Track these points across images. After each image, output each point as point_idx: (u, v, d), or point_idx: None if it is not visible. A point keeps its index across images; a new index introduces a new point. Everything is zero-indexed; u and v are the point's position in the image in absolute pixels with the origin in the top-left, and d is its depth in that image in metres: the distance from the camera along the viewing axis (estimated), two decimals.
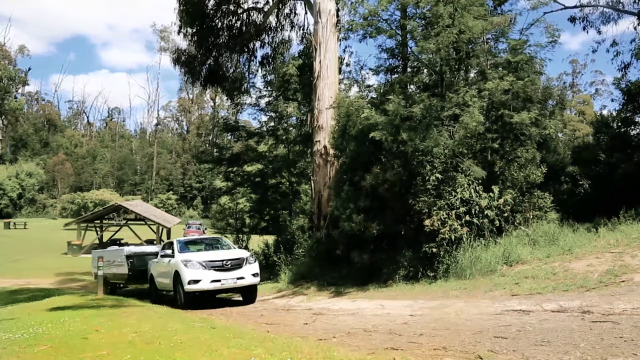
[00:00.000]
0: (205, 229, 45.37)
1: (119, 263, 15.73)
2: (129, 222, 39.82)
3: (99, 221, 38.93)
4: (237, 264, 11.78)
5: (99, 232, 38.29)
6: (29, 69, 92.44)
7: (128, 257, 15.39)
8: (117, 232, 39.35)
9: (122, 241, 37.17)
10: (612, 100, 66.58)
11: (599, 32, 24.20)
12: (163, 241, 38.08)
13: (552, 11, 21.40)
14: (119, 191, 77.52)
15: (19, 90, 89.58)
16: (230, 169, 30.10)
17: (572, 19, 24.05)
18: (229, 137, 48.66)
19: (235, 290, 12.49)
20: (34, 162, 76.62)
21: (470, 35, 13.64)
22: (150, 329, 6.00)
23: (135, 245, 24.41)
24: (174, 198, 76.80)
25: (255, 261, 12.47)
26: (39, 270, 24.75)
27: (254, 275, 11.99)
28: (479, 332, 5.49)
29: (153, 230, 37.07)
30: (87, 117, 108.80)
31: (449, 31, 13.24)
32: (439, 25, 13.58)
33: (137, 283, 15.98)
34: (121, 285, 17.01)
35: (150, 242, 32.39)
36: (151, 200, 73.18)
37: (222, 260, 11.71)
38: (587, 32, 25.16)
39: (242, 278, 11.67)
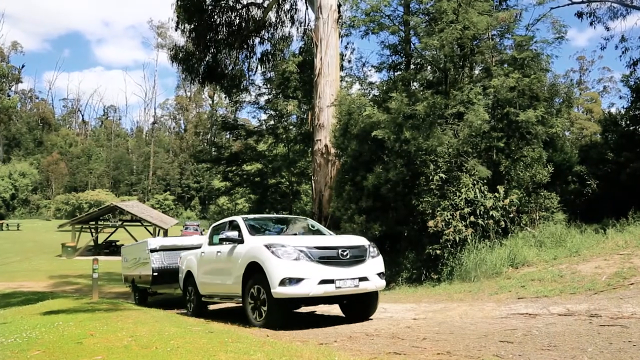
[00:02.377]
0: (203, 230, 45.40)
1: (144, 260, 13.34)
2: (124, 223, 39.84)
3: (94, 222, 38.95)
4: (359, 255, 7.53)
5: (94, 234, 38.31)
6: (23, 66, 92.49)
7: (153, 251, 12.96)
8: (112, 233, 39.38)
9: (117, 243, 37.25)
10: (621, 98, 66.53)
11: (607, 28, 24.23)
12: None
13: (558, 6, 21.40)
14: (115, 191, 77.63)
15: (12, 88, 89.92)
16: (228, 168, 30.15)
17: (579, 15, 24.04)
18: (228, 136, 48.77)
19: (345, 298, 7.83)
20: (28, 162, 76.72)
21: (475, 31, 13.64)
22: (147, 333, 5.99)
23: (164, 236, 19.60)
24: (171, 198, 76.89)
25: (378, 253, 8.08)
26: (32, 272, 24.78)
27: (379, 275, 7.70)
28: (484, 336, 5.48)
29: (149, 232, 37.09)
30: (82, 116, 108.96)
31: (453, 27, 13.25)
32: (442, 21, 13.59)
33: (166, 287, 13.16)
34: (149, 290, 13.78)
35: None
36: (148, 200, 73.23)
37: (337, 248, 7.38)
38: (595, 27, 25.23)
39: (364, 279, 7.37)
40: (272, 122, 30.45)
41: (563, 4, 22.16)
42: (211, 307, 10.86)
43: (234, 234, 8.42)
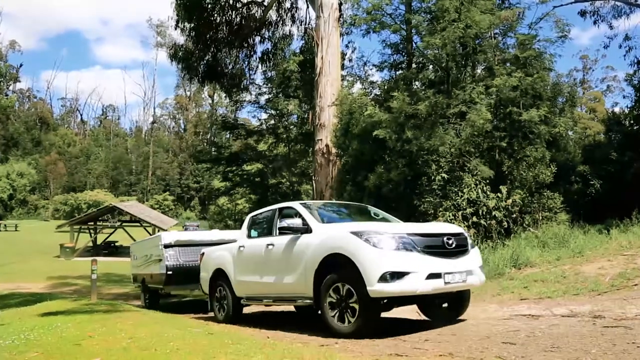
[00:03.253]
0: None
1: (156, 258, 12.20)
2: (124, 224, 39.86)
3: (92, 223, 38.97)
4: (462, 245, 6.54)
5: (92, 235, 38.34)
6: (21, 65, 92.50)
7: (167, 246, 11.70)
8: (111, 234, 39.40)
9: (116, 244, 37.28)
10: (624, 97, 66.40)
11: (611, 27, 24.26)
12: None
13: (561, 5, 21.40)
14: (114, 192, 77.57)
15: (10, 87, 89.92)
16: (228, 168, 30.19)
17: (583, 13, 24.05)
18: (228, 136, 48.72)
19: (447, 295, 6.64)
20: (26, 162, 76.69)
21: (477, 30, 13.66)
22: (146, 334, 6.00)
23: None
24: (171, 199, 76.83)
25: (474, 244, 7.29)
26: (30, 273, 24.78)
27: (481, 268, 6.71)
28: (487, 337, 5.48)
29: (149, 233, 37.08)
30: (81, 115, 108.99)
31: (455, 26, 13.26)
32: (444, 19, 13.61)
33: (181, 288, 12.08)
34: (162, 291, 12.70)
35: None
36: (147, 201, 73.23)
37: (441, 235, 6.34)
38: (598, 26, 25.40)
39: (470, 273, 6.36)
40: (272, 122, 30.50)
41: (566, 3, 22.16)
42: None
43: (296, 222, 7.09)
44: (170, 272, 11.46)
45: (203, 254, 9.95)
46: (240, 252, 8.47)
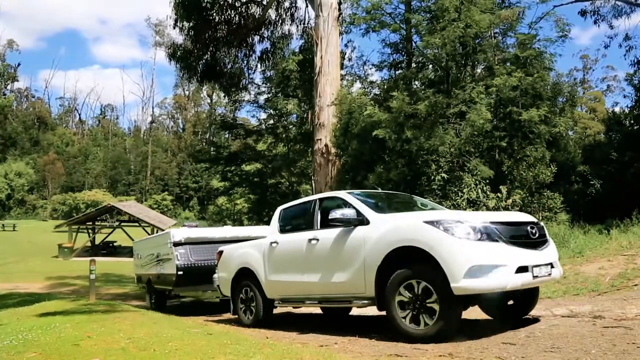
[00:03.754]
0: None
1: (165, 256, 11.46)
2: (122, 223, 39.84)
3: (91, 223, 38.94)
4: (543, 235, 6.00)
5: (91, 235, 38.31)
6: (19, 65, 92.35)
7: (177, 244, 10.98)
8: (110, 234, 39.38)
9: (115, 244, 37.26)
10: (625, 97, 66.63)
11: (611, 27, 24.32)
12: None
13: (561, 4, 21.45)
14: (112, 192, 77.53)
15: (8, 87, 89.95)
16: (227, 168, 30.18)
17: (583, 13, 24.09)
18: (227, 136, 48.73)
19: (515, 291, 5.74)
20: (24, 162, 76.67)
21: (477, 29, 13.67)
22: (145, 335, 6.00)
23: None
24: (169, 199, 76.80)
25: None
26: (28, 273, 24.76)
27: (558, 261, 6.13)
28: (486, 337, 5.49)
29: (147, 232, 37.07)
30: (79, 115, 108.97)
31: (455, 25, 13.27)
32: (444, 19, 13.62)
33: (191, 290, 11.40)
34: (170, 293, 11.97)
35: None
36: (145, 201, 73.20)
37: (524, 224, 5.84)
38: (599, 26, 25.45)
39: (552, 265, 5.83)
40: (271, 122, 30.49)
41: (566, 2, 22.19)
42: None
43: (348, 213, 6.33)
44: (181, 272, 10.65)
45: (221, 252, 9.19)
46: (272, 249, 7.73)
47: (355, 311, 8.97)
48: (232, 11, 24.09)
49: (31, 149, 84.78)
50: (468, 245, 5.23)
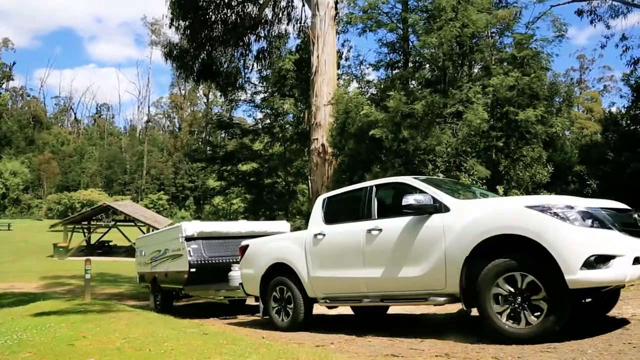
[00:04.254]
0: None
1: (175, 252, 10.74)
2: (118, 223, 39.77)
3: (86, 222, 38.88)
4: None
5: (86, 234, 38.24)
6: (14, 63, 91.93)
7: (190, 239, 10.23)
8: (105, 233, 39.30)
9: (110, 243, 37.20)
10: (621, 97, 66.74)
11: (608, 27, 24.36)
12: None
13: (558, 4, 21.45)
14: (108, 191, 77.38)
15: (3, 86, 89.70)
16: (224, 167, 30.19)
17: (580, 13, 24.12)
18: (223, 135, 48.74)
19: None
20: (19, 161, 76.46)
21: (474, 29, 13.69)
22: (140, 335, 5.99)
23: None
24: (165, 198, 76.69)
25: None
26: (23, 273, 24.68)
27: None
28: (483, 338, 5.50)
29: (143, 232, 37.02)
30: (75, 114, 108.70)
31: (452, 25, 13.29)
32: (441, 18, 13.64)
33: (203, 289, 10.63)
34: (180, 293, 11.40)
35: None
36: (141, 200, 73.07)
37: (631, 212, 5.37)
38: (595, 26, 25.35)
39: None
40: (268, 121, 30.49)
41: (563, 2, 22.19)
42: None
43: (423, 199, 5.68)
44: (193, 270, 9.85)
45: (246, 247, 8.35)
46: (317, 242, 6.97)
47: (340, 310, 8.97)
48: (228, 10, 24.06)
49: (26, 148, 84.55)
50: (584, 233, 4.72)
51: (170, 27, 23.98)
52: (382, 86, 17.98)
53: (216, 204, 55.44)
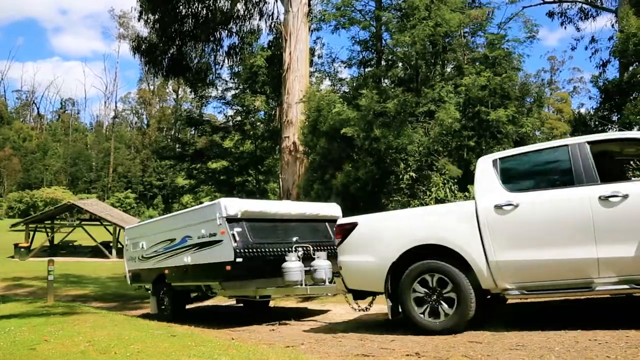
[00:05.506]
0: None
1: (208, 238, 8.59)
2: (83, 222, 38.98)
3: (49, 222, 37.97)
4: None
5: (49, 234, 37.38)
6: None
7: (232, 220, 8.22)
8: (69, 233, 38.50)
9: (75, 243, 36.47)
10: (590, 99, 68.48)
11: (578, 29, 25.11)
12: (122, 244, 37.42)
13: (530, 5, 21.98)
14: (72, 189, 75.82)
15: None
16: (193, 165, 29.94)
17: (551, 14, 24.74)
18: (192, 132, 48.25)
19: None
20: None
21: (447, 28, 13.86)
22: (105, 337, 5.90)
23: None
24: (133, 197, 75.52)
25: None
26: None
27: None
28: (453, 336, 5.58)
29: (109, 232, 36.41)
30: (38, 109, 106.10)
31: (425, 24, 13.42)
32: (414, 17, 13.75)
33: (246, 285, 8.75)
34: (209, 292, 9.61)
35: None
36: (107, 199, 71.83)
37: None
38: (565, 28, 26.14)
39: None
40: (239, 118, 30.34)
41: (535, 3, 22.77)
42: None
43: None
44: (240, 260, 7.91)
45: (352, 225, 6.64)
46: (504, 215, 5.60)
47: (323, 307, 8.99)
48: (199, 4, 23.86)
49: None
50: None
51: (139, 20, 23.71)
52: (354, 84, 18.05)
53: (185, 202, 54.88)
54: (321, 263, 8.01)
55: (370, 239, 6.44)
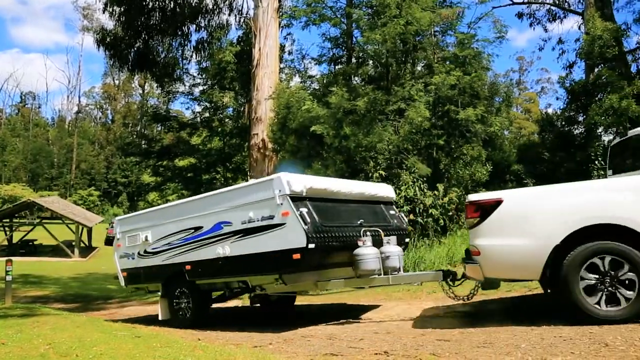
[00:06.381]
0: None
1: (262, 222, 7.15)
2: (43, 221, 38.07)
3: (8, 220, 36.98)
4: None
5: (8, 233, 36.40)
6: None
7: (296, 199, 6.90)
8: (29, 232, 37.56)
9: (35, 242, 35.60)
10: (557, 99, 70.22)
11: (546, 30, 25.68)
12: (85, 243, 36.70)
13: (500, 6, 22.36)
14: (33, 186, 73.92)
15: None
16: (159, 162, 29.54)
17: (520, 15, 25.24)
18: (159, 128, 47.57)
19: None
20: None
21: (418, 27, 14.00)
22: (66, 339, 5.77)
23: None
24: (96, 194, 74.10)
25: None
26: None
27: None
28: (422, 335, 5.64)
29: (72, 230, 35.65)
30: None
31: (396, 22, 13.53)
32: (385, 15, 13.85)
33: (312, 277, 7.48)
34: (258, 289, 7.94)
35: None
36: (70, 196, 70.35)
37: None
38: (534, 29, 26.64)
39: None
40: (207, 115, 30.05)
41: (504, 4, 23.17)
42: None
43: None
44: (312, 246, 6.57)
45: (496, 202, 5.69)
46: None
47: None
48: None
49: None
50: None
51: (104, 13, 23.14)
52: (324, 81, 18.08)
53: (151, 200, 54.14)
54: (393, 249, 7.16)
55: (521, 218, 5.57)
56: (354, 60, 18.79)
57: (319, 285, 7.48)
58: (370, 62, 17.67)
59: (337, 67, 19.33)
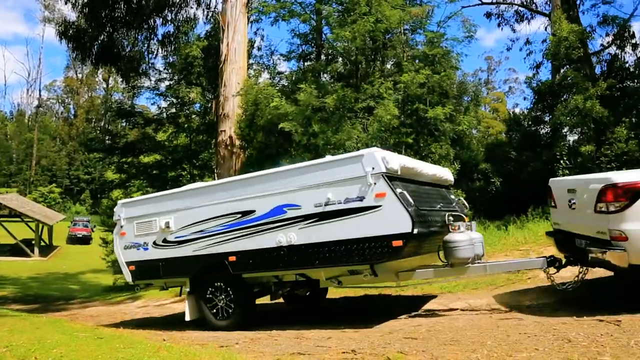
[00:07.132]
0: (95, 226, 43.27)
1: (332, 205, 6.46)
2: (1, 218, 37.04)
3: None
4: None
5: None
6: None
7: (393, 177, 6.34)
8: None
9: None
10: (525, 99, 71.78)
11: (514, 30, 26.08)
12: (45, 242, 35.76)
13: (469, 5, 22.67)
14: None
15: None
16: (123, 159, 29.03)
17: (488, 15, 25.61)
18: (124, 124, 46.72)
19: None
20: None
21: (388, 24, 14.10)
22: (25, 341, 5.63)
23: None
24: (58, 191, 72.41)
25: None
26: None
27: None
28: (389, 333, 5.70)
29: (31, 228, 34.80)
30: None
31: (366, 19, 13.60)
32: (355, 12, 13.91)
33: (400, 266, 6.70)
34: (335, 281, 6.97)
35: None
36: (30, 193, 68.58)
37: None
38: (502, 29, 26.99)
39: None
40: (173, 110, 29.64)
41: (474, 4, 23.48)
42: None
43: None
44: (416, 231, 5.91)
45: None
46: None
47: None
48: None
49: None
50: None
51: (66, 4, 22.51)
52: (293, 78, 18.06)
53: (115, 197, 53.16)
54: (476, 235, 6.67)
55: None
56: (323, 57, 18.81)
57: (400, 277, 6.73)
58: (340, 59, 17.72)
59: (306, 63, 19.34)
